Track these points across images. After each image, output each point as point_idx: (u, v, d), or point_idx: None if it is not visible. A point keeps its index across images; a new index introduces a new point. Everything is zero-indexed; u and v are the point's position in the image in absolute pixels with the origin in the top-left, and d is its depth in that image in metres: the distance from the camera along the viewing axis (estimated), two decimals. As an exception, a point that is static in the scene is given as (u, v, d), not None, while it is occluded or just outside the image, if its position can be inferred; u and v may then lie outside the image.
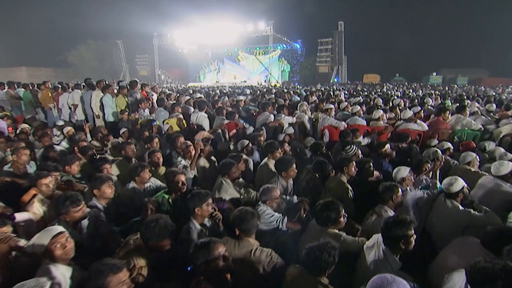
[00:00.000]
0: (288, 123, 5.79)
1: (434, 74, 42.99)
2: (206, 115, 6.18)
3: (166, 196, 3.14)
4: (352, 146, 4.00)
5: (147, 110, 6.97)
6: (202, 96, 8.95)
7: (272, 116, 5.80)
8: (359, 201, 3.23)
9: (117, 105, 7.39)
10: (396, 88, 23.57)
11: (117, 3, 52.91)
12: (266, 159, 3.97)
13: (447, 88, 24.74)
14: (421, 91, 18.05)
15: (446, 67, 46.18)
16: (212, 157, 4.56)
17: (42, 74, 45.65)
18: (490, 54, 47.51)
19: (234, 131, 5.38)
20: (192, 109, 6.95)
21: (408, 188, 3.05)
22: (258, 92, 12.83)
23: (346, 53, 40.40)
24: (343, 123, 5.45)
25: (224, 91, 13.49)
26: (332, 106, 5.86)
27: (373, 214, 2.72)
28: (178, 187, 3.15)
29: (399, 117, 6.08)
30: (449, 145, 4.40)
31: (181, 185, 3.16)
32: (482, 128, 5.25)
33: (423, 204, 3.03)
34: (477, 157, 3.74)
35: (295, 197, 3.15)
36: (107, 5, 53.05)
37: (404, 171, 3.10)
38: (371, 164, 3.43)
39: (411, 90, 18.51)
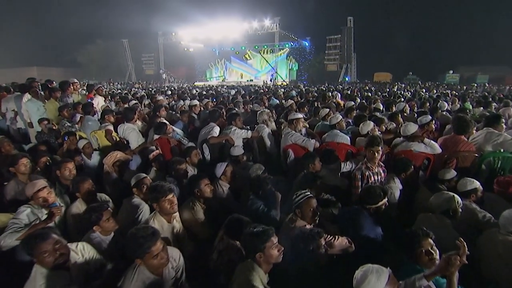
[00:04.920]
0: (242, 138, 4.16)
1: (451, 72, 40.08)
2: (135, 127, 4.60)
3: None
4: (301, 194, 2.25)
5: (77, 117, 5.53)
6: (162, 98, 7.37)
7: (217, 129, 4.15)
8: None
9: (48, 111, 5.98)
10: (408, 87, 21.33)
11: (125, 1, 52.54)
12: (153, 213, 2.33)
13: (465, 87, 22.27)
14: (435, 91, 15.86)
15: (464, 64, 42.99)
16: (104, 196, 2.99)
17: (53, 74, 45.67)
18: (513, 49, 43.89)
19: (156, 152, 3.72)
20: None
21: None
22: (243, 92, 11.10)
23: (355, 51, 38.46)
24: (312, 141, 3.72)
25: (204, 92, 11.78)
26: (300, 115, 4.03)
27: None
28: None
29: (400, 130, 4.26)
30: (476, 184, 2.64)
31: None
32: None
33: None
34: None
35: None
36: (116, 4, 52.88)
37: (376, 282, 1.36)
38: (320, 241, 1.73)
39: (424, 90, 16.35)
